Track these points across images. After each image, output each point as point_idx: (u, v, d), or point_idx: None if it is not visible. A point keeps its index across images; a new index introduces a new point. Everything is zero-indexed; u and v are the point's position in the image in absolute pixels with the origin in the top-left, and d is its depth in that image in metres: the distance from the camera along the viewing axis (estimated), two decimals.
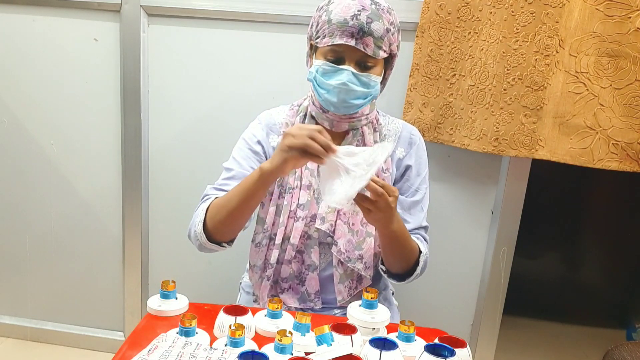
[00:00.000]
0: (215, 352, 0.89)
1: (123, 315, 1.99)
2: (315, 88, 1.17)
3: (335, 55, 1.13)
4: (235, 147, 1.27)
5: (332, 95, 1.14)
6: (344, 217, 1.21)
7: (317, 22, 1.15)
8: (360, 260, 1.22)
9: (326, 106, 1.17)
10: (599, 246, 2.84)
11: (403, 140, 1.28)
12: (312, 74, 1.17)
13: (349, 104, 1.14)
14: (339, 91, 1.12)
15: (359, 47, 1.10)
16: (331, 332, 0.90)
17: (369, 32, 1.09)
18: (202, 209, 1.17)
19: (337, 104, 1.14)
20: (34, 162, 1.89)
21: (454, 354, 0.85)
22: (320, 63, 1.14)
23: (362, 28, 1.08)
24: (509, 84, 1.46)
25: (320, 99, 1.17)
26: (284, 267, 1.23)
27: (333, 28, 1.10)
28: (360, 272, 1.23)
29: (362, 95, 1.14)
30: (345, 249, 1.21)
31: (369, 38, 1.10)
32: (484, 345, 1.80)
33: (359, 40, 1.09)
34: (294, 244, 1.21)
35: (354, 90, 1.12)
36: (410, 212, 1.25)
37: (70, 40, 1.77)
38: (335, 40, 1.10)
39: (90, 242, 1.94)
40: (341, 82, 1.12)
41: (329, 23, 1.11)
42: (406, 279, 1.22)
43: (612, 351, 1.22)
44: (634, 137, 1.45)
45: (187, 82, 1.74)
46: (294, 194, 1.21)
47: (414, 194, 1.26)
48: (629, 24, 1.39)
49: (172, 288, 1.08)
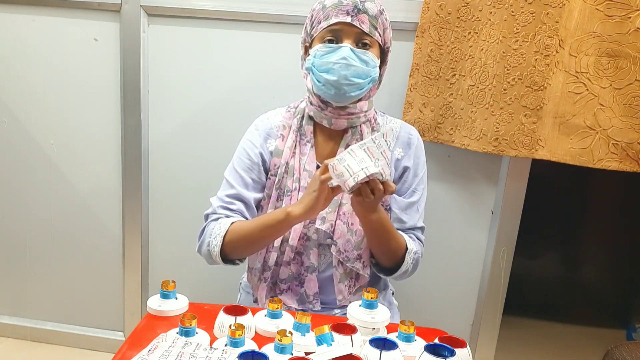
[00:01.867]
0: (215, 352, 0.89)
1: (123, 315, 1.99)
2: (314, 74, 1.16)
3: (333, 36, 1.14)
4: (235, 156, 1.26)
5: (333, 74, 1.13)
6: (343, 217, 1.21)
7: (312, 15, 1.18)
8: (359, 260, 1.22)
9: (327, 91, 1.15)
10: (599, 246, 2.84)
11: (401, 141, 1.27)
12: (310, 60, 1.17)
13: (350, 81, 1.13)
14: (340, 67, 1.12)
15: (355, 23, 1.12)
16: (331, 332, 0.90)
17: (364, 9, 1.12)
18: (217, 232, 1.18)
19: (338, 82, 1.12)
20: (34, 162, 1.89)
21: (454, 354, 0.85)
22: (318, 46, 1.15)
23: (356, 5, 1.12)
24: (509, 84, 1.46)
25: (319, 85, 1.15)
26: (282, 268, 1.23)
27: (328, 11, 1.13)
28: (358, 271, 1.23)
29: (362, 73, 1.14)
30: (345, 248, 1.21)
31: (363, 15, 1.12)
32: (484, 345, 1.80)
33: (354, 17, 1.12)
34: (293, 245, 1.21)
35: (354, 65, 1.12)
36: (406, 212, 1.25)
37: (70, 40, 1.77)
38: (331, 20, 1.13)
39: (90, 242, 1.94)
40: (341, 57, 1.12)
41: (324, 9, 1.14)
42: (393, 273, 1.23)
43: (612, 351, 1.22)
44: (634, 137, 1.45)
45: (187, 82, 1.74)
46: (293, 196, 1.20)
47: (411, 195, 1.26)
48: (629, 24, 1.39)
49: (172, 288, 1.08)
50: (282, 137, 1.23)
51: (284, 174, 1.21)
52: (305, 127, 1.23)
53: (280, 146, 1.23)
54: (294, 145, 1.22)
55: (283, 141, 1.23)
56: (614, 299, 2.77)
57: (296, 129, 1.23)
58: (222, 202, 1.23)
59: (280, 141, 1.23)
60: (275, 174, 1.22)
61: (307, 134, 1.23)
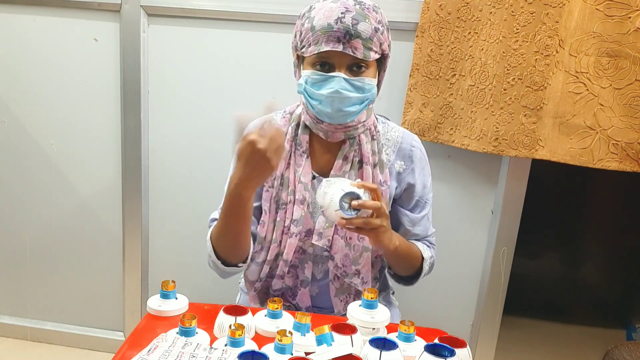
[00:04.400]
0: (215, 352, 0.89)
1: (123, 315, 1.99)
2: (307, 100, 1.10)
3: (324, 61, 1.06)
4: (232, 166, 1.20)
5: (326, 106, 1.07)
6: (341, 232, 1.17)
7: (301, 31, 1.09)
8: (357, 275, 1.19)
9: (320, 117, 1.10)
10: (599, 246, 2.84)
11: (403, 153, 1.21)
12: (302, 85, 1.10)
13: (345, 112, 1.07)
14: (332, 100, 1.05)
15: (348, 51, 1.03)
16: (331, 332, 0.89)
17: (356, 34, 1.02)
18: (208, 242, 1.15)
19: (332, 114, 1.07)
20: (34, 162, 1.89)
21: (454, 354, 0.85)
22: (309, 73, 1.07)
23: (348, 31, 1.02)
24: (509, 84, 1.46)
25: (313, 111, 1.10)
26: (275, 281, 1.20)
27: (317, 35, 1.04)
28: (357, 287, 1.20)
29: (357, 101, 1.07)
30: (342, 263, 1.18)
31: (356, 40, 1.02)
32: (484, 345, 1.80)
33: (346, 45, 1.02)
34: (287, 260, 1.17)
35: (348, 97, 1.06)
36: (420, 225, 1.25)
37: (70, 40, 1.77)
38: (321, 47, 1.03)
39: (90, 242, 1.94)
40: (333, 91, 1.05)
41: (313, 30, 1.04)
42: (413, 282, 1.26)
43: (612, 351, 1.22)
44: (634, 137, 1.45)
45: (187, 82, 1.75)
46: (288, 210, 1.16)
47: (423, 207, 1.25)
48: (629, 24, 1.39)
49: (172, 288, 1.08)
50: None
51: (280, 187, 1.17)
52: (300, 136, 1.17)
53: None
54: (289, 155, 1.17)
55: None
56: (614, 299, 2.77)
57: (291, 138, 1.17)
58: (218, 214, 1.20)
59: None
60: (272, 186, 1.18)
61: (303, 144, 1.17)
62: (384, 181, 1.18)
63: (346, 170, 1.16)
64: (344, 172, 1.16)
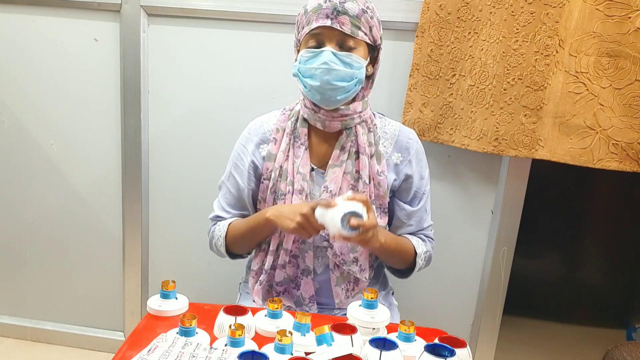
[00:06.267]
0: (215, 352, 0.89)
1: (123, 315, 1.99)
2: (301, 80, 1.16)
3: (316, 40, 1.13)
4: (230, 160, 1.29)
5: (316, 80, 1.12)
6: None
7: (297, 21, 1.18)
8: (355, 263, 1.22)
9: (313, 96, 1.15)
10: (599, 246, 2.84)
11: (400, 145, 1.26)
12: (296, 66, 1.17)
13: (333, 85, 1.11)
14: (321, 72, 1.11)
15: (335, 26, 1.10)
16: (331, 332, 0.90)
17: (344, 10, 1.10)
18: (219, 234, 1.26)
19: (321, 87, 1.12)
20: (34, 162, 1.89)
21: (454, 354, 0.85)
22: (303, 52, 1.15)
23: (335, 7, 1.10)
24: (509, 84, 1.46)
25: (306, 91, 1.16)
26: (277, 271, 1.23)
27: (309, 16, 1.12)
28: (355, 274, 1.23)
29: (346, 76, 1.12)
30: (341, 251, 1.21)
31: (344, 17, 1.10)
32: (484, 345, 1.80)
33: (334, 20, 1.10)
34: (287, 249, 1.21)
35: (336, 69, 1.11)
36: (414, 217, 1.28)
37: (70, 40, 1.77)
38: (312, 25, 1.11)
39: (90, 242, 1.94)
40: (322, 62, 1.10)
41: (306, 13, 1.13)
42: (407, 275, 1.31)
43: (612, 351, 1.22)
44: (634, 137, 1.45)
45: (187, 82, 1.74)
46: (287, 200, 1.20)
47: (420, 200, 1.28)
48: (629, 24, 1.39)
49: (172, 288, 1.08)
50: (275, 141, 1.23)
51: (278, 178, 1.21)
52: (299, 129, 1.22)
53: (273, 150, 1.23)
54: (288, 148, 1.22)
55: (276, 145, 1.23)
56: (614, 299, 2.77)
57: (290, 131, 1.22)
58: (222, 206, 1.29)
59: (273, 145, 1.23)
60: (269, 178, 1.23)
61: (301, 137, 1.22)
62: (382, 171, 1.22)
63: (343, 160, 1.20)
64: (342, 162, 1.20)
